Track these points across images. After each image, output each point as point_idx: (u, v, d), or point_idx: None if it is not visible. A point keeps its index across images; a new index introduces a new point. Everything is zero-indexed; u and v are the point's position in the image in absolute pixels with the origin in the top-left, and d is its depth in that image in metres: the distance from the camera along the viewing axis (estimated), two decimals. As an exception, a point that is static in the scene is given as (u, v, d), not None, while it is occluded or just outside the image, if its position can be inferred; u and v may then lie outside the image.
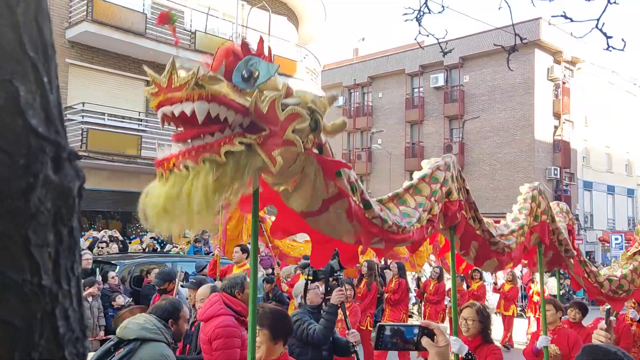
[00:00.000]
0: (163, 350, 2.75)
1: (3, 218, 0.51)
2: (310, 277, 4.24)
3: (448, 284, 10.08)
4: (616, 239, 21.74)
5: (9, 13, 0.53)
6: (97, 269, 7.78)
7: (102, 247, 9.54)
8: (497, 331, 11.00)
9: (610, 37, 2.76)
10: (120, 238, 11.04)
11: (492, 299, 13.58)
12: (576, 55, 27.78)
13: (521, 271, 14.58)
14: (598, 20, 2.74)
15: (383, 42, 69.54)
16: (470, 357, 3.20)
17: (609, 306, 2.44)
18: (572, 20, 2.84)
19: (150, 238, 11.76)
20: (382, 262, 10.71)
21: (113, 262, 8.38)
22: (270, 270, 8.72)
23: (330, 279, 4.26)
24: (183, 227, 1.62)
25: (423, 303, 10.69)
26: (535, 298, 10.47)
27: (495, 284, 11.81)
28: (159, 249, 11.67)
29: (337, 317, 3.97)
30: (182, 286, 5.55)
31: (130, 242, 12.00)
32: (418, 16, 3.06)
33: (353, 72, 32.92)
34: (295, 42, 18.64)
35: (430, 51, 27.90)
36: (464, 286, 10.42)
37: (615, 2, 2.84)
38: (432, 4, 3.15)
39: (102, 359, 2.71)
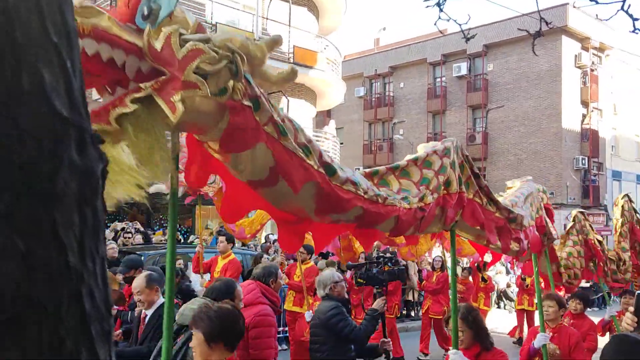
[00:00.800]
0: None
1: (31, 199, 0.52)
2: (364, 281, 4.36)
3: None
4: (646, 230, 21.12)
5: (33, 0, 0.54)
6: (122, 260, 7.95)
7: (127, 237, 9.76)
8: (507, 327, 10.62)
9: (637, 19, 2.66)
10: (142, 229, 11.27)
11: (516, 292, 13.16)
12: (604, 41, 26.93)
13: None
14: (624, 1, 2.65)
15: (404, 31, 68.64)
16: None
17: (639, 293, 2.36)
18: (597, 2, 2.75)
19: (174, 229, 11.92)
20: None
21: (137, 252, 8.55)
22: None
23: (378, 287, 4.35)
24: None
25: (423, 295, 10.13)
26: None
27: (524, 279, 10.54)
28: (182, 240, 11.86)
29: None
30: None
31: (154, 234, 12.24)
32: (440, 1, 3.00)
33: (374, 62, 32.61)
34: (315, 33, 18.56)
35: (452, 40, 27.46)
36: (471, 278, 9.74)
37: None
38: (455, -11, 3.10)
39: None
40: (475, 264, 9.34)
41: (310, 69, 17.28)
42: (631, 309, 2.26)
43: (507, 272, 15.55)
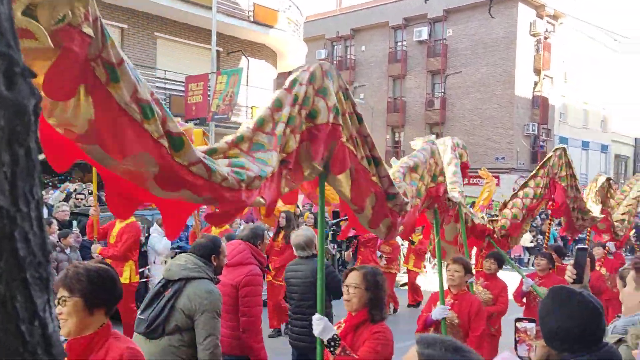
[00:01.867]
0: (206, 286, 2.96)
1: (-48, 135, 0.48)
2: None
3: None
4: (588, 193, 22.37)
5: None
6: (75, 221, 7.72)
7: (80, 199, 9.44)
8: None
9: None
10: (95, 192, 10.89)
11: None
12: (559, 8, 27.54)
13: None
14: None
15: (366, -8, 67.35)
16: (333, 343, 2.54)
17: (580, 245, 2.46)
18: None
19: (129, 191, 11.63)
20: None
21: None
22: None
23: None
24: None
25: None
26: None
27: (413, 242, 10.15)
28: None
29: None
30: None
31: (108, 195, 11.89)
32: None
33: (336, 24, 32.11)
34: (276, -9, 17.98)
35: (414, 3, 27.32)
36: (399, 241, 9.62)
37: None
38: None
39: (154, 299, 2.95)
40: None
41: (271, 28, 16.82)
42: (571, 262, 2.41)
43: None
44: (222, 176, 1.67)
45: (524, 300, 5.48)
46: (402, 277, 10.93)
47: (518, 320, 3.03)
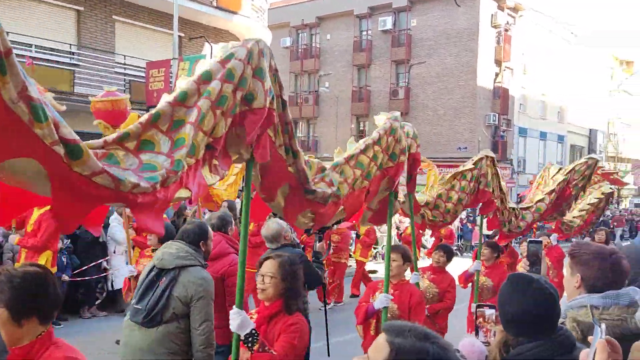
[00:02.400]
0: (199, 274, 3.04)
1: None
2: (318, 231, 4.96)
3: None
4: (545, 182, 23.14)
5: None
6: (31, 212, 7.43)
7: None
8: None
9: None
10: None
11: (430, 242, 13.28)
12: (519, 1, 28.21)
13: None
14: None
15: (332, -20, 66.59)
16: (251, 339, 2.38)
17: (531, 239, 2.53)
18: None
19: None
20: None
21: (47, 205, 8.00)
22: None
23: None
24: None
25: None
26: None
27: (358, 236, 10.28)
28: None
29: None
30: None
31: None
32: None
33: (301, 11, 31.80)
34: (240, -24, 17.60)
35: (379, -8, 27.39)
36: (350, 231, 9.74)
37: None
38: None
39: (149, 288, 2.98)
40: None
41: (235, 14, 16.49)
42: (524, 254, 2.49)
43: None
44: (132, 184, 1.52)
45: (470, 285, 5.33)
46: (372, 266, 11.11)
47: (479, 306, 3.12)
